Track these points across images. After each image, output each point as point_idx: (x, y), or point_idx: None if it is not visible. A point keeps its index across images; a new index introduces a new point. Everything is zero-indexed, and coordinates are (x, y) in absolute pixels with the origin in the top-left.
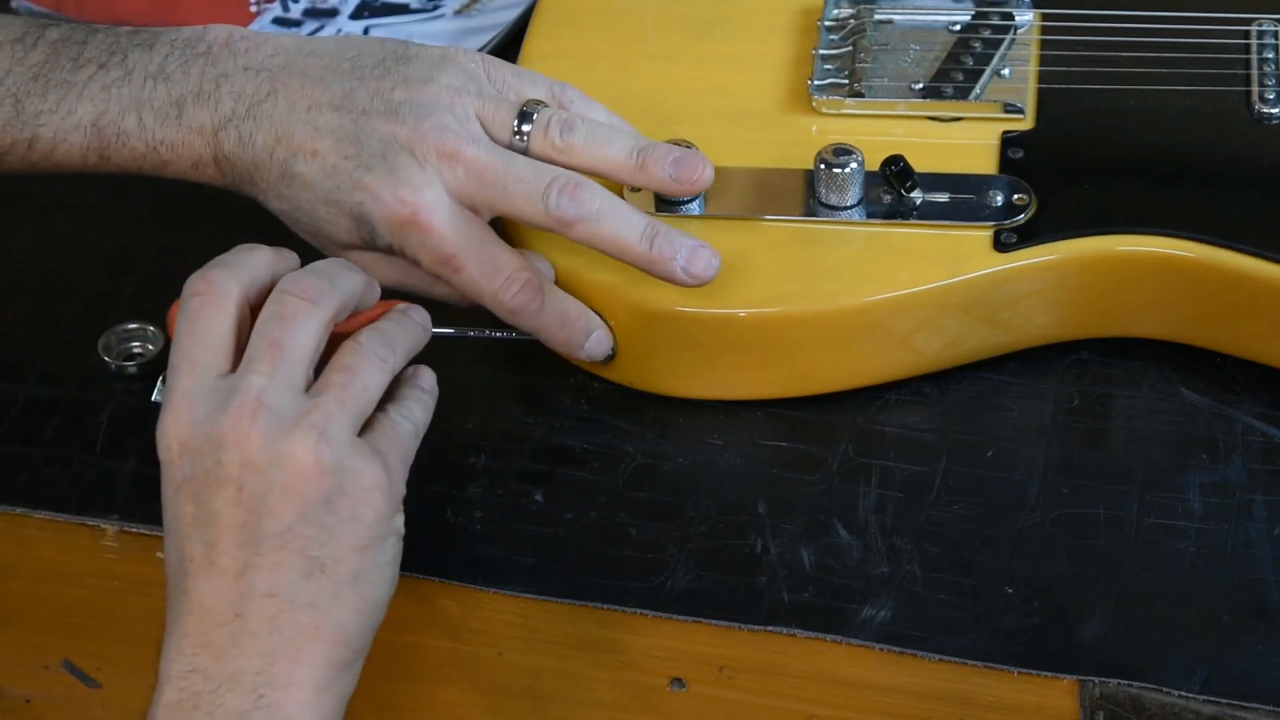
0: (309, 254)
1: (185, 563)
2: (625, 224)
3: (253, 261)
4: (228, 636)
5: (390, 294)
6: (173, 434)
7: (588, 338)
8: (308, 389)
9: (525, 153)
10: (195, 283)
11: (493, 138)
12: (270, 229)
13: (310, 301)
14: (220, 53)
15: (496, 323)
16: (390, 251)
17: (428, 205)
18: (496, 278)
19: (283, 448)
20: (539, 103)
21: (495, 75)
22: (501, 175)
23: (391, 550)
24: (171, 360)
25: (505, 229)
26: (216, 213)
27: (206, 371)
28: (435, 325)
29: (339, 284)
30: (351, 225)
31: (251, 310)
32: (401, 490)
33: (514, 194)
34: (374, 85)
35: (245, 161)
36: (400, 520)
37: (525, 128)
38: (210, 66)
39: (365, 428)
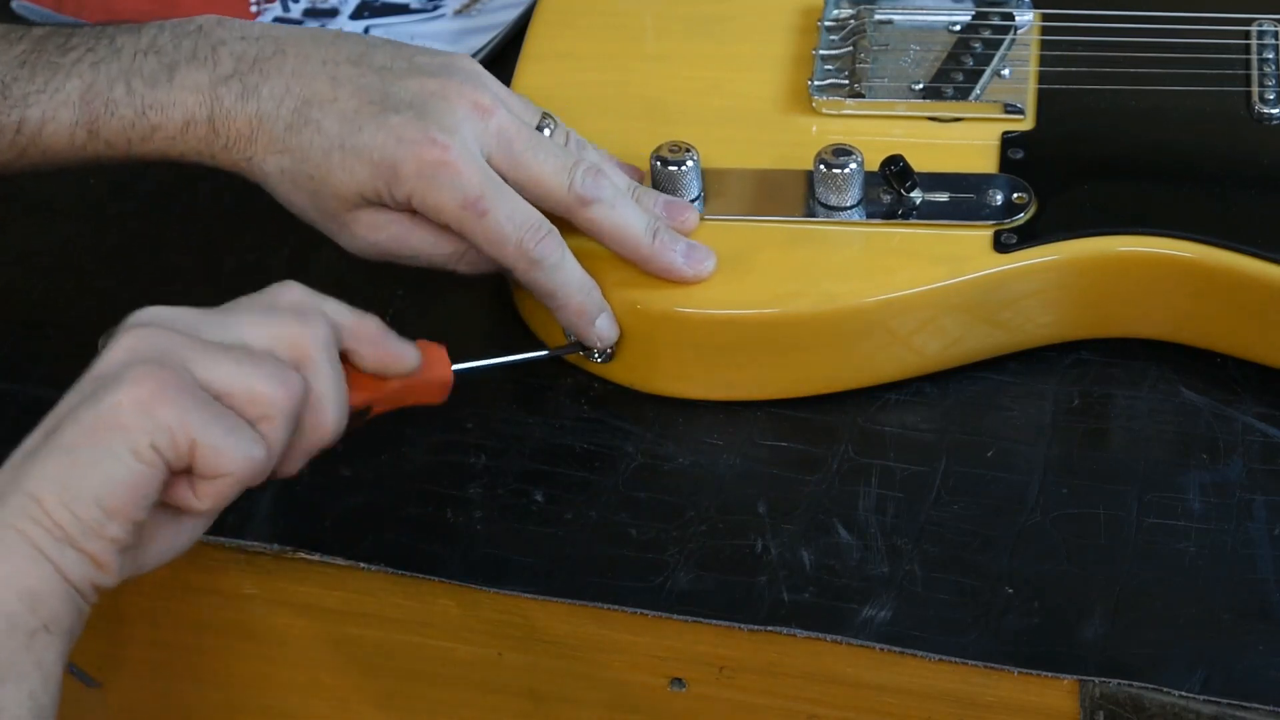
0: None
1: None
2: (634, 215)
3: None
4: None
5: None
6: (149, 321)
7: (601, 311)
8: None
9: None
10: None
11: None
12: (265, 225)
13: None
14: (213, 29)
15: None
16: (399, 207)
17: (460, 145)
18: (523, 225)
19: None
20: (550, 116)
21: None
22: (532, 145)
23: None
24: (235, 303)
25: None
26: (215, 212)
27: (218, 334)
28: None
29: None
30: (368, 173)
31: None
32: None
33: (542, 164)
34: (389, 50)
35: (247, 113)
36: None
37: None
38: (204, 39)
39: (168, 508)
